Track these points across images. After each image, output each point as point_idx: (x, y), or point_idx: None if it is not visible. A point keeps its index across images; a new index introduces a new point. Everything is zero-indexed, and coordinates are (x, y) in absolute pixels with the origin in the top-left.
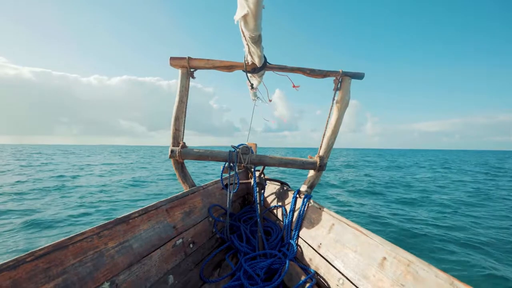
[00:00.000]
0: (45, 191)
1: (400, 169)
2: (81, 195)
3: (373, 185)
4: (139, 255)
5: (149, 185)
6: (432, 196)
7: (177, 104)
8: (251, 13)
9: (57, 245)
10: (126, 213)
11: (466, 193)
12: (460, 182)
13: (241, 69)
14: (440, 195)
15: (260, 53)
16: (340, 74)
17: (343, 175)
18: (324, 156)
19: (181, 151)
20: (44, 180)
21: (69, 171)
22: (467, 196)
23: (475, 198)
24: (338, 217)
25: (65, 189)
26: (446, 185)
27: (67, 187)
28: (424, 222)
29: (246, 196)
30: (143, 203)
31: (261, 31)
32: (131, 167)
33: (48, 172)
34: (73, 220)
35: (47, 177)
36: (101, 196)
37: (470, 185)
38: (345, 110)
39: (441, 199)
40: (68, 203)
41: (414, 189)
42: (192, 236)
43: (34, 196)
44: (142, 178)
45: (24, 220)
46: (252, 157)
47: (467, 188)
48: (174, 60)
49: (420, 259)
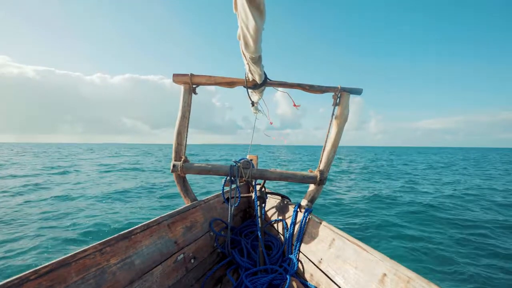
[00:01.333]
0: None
1: (444, 169)
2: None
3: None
4: (141, 272)
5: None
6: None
7: (179, 120)
8: (252, 38)
9: (60, 263)
10: (128, 229)
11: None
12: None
13: (242, 85)
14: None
15: (260, 71)
16: (339, 90)
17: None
18: (324, 170)
19: (183, 166)
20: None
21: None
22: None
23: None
24: (339, 232)
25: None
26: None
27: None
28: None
29: (247, 209)
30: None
31: (261, 53)
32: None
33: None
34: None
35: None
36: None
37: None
38: (344, 125)
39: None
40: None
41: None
42: (193, 251)
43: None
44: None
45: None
46: (253, 171)
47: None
48: (177, 77)
49: (420, 276)
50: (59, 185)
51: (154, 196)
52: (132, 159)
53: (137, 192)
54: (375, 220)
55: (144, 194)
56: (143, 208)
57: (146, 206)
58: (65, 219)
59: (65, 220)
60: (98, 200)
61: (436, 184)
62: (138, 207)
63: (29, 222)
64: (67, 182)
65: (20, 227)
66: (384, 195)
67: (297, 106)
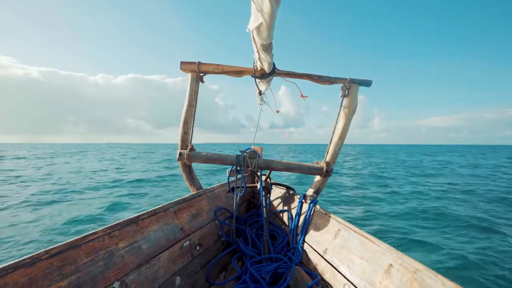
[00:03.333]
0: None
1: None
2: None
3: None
4: (148, 256)
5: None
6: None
7: (186, 108)
8: (265, 23)
9: (71, 244)
10: (136, 214)
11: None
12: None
13: (250, 75)
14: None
15: (270, 60)
16: (348, 81)
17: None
18: (330, 162)
19: (189, 154)
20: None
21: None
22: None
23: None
24: (344, 223)
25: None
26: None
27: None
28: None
29: (252, 199)
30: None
31: (272, 40)
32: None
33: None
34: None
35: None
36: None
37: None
38: (352, 117)
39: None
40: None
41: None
42: (198, 239)
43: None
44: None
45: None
46: (259, 161)
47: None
48: (184, 64)
49: (427, 267)
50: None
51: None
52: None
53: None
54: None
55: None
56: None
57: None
58: None
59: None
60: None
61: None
62: None
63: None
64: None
65: None
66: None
67: (304, 96)
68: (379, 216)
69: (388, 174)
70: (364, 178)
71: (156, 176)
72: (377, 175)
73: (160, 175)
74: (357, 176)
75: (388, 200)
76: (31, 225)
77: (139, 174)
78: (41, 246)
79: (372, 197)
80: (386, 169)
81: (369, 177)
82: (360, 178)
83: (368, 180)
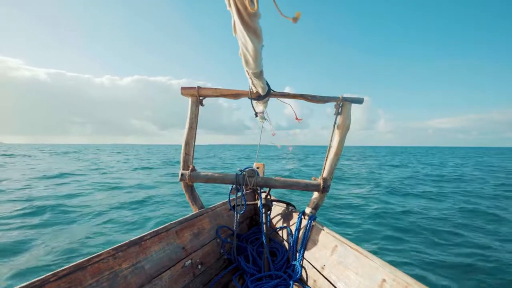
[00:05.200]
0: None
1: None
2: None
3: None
4: (150, 276)
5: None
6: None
7: (187, 131)
8: (251, 57)
9: (77, 266)
10: (139, 236)
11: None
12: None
13: (247, 97)
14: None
15: (263, 84)
16: (340, 99)
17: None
18: (327, 178)
19: (190, 175)
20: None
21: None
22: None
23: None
24: (341, 239)
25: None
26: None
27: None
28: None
29: (253, 217)
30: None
31: (262, 68)
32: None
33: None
34: None
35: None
36: None
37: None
38: (346, 134)
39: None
40: None
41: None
42: (200, 257)
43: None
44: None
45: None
46: (258, 179)
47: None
48: (185, 89)
49: (418, 282)
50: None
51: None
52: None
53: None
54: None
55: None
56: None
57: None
58: None
59: None
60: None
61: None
62: None
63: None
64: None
65: None
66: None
67: (299, 119)
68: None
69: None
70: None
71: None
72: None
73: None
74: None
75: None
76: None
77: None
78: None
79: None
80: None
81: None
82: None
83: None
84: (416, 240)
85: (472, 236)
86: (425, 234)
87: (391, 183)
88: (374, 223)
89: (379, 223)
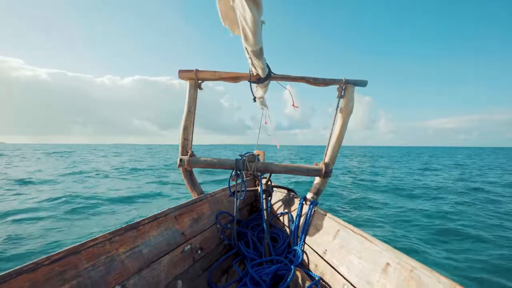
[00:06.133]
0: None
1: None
2: None
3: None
4: (149, 260)
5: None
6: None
7: (185, 115)
8: (250, 31)
9: (72, 250)
10: (136, 220)
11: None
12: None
13: (246, 80)
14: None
15: (263, 65)
16: (343, 82)
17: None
18: (329, 163)
19: (189, 160)
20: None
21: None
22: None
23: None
24: (343, 223)
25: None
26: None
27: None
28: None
29: (254, 203)
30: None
31: (262, 45)
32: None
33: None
34: None
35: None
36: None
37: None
38: (349, 117)
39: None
40: None
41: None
42: (200, 243)
43: None
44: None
45: None
46: (258, 164)
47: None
48: (183, 72)
49: (423, 265)
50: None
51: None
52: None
53: None
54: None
55: None
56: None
57: None
58: None
59: None
60: None
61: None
62: None
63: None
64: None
65: None
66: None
67: (295, 107)
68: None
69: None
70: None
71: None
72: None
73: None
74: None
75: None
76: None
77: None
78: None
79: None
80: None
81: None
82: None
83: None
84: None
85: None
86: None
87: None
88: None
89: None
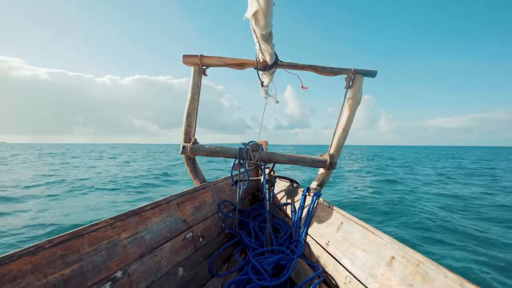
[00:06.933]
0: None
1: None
2: None
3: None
4: (151, 247)
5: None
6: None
7: (189, 101)
8: (262, 10)
9: (74, 234)
10: (139, 206)
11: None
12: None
13: (253, 67)
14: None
15: (271, 50)
16: (352, 72)
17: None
18: (334, 155)
19: (192, 147)
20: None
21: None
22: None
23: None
24: (347, 216)
25: None
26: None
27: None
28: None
29: (256, 193)
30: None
31: (271, 29)
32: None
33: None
34: None
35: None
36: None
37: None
38: (356, 108)
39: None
40: None
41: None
42: (201, 230)
43: None
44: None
45: None
46: (262, 154)
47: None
48: (187, 57)
49: (429, 259)
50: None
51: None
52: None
53: None
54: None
55: None
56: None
57: None
58: None
59: None
60: None
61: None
62: None
63: None
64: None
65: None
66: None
67: (305, 88)
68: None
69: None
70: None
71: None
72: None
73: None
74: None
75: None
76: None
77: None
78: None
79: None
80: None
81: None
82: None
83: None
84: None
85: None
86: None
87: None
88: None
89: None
